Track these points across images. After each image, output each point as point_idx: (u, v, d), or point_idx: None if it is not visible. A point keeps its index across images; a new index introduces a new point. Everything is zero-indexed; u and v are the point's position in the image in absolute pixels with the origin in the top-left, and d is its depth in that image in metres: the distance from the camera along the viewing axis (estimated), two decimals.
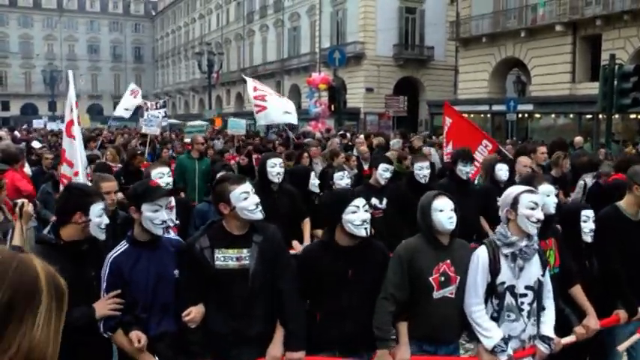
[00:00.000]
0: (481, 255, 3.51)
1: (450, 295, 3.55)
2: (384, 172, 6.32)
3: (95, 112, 67.08)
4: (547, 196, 3.91)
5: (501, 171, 6.49)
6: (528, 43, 28.87)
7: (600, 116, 20.35)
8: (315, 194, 6.42)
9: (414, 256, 3.53)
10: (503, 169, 6.52)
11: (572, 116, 27.49)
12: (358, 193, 3.78)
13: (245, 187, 3.39)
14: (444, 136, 8.45)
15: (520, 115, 27.12)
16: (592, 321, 3.83)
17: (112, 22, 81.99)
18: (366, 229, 3.42)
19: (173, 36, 76.33)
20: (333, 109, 26.14)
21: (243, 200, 3.33)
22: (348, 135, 18.06)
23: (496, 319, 3.51)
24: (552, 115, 28.86)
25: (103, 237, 3.34)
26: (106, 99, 75.21)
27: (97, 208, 3.28)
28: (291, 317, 3.41)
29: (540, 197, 3.58)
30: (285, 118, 11.34)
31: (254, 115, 10.99)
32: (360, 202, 3.48)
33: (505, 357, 3.40)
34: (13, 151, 7.46)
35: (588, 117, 25.12)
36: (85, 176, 5.26)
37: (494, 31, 30.46)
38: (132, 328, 3.26)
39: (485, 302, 3.52)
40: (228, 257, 3.35)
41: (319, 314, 3.58)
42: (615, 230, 4.19)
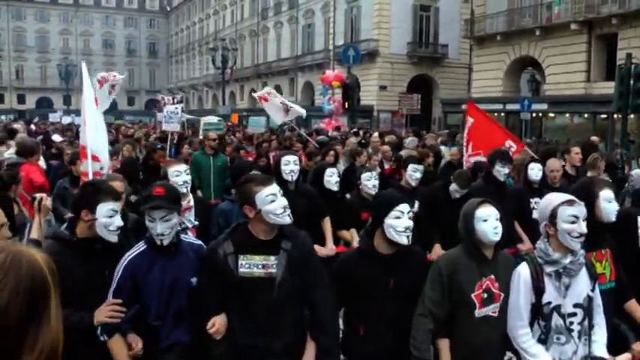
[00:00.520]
0: (523, 273, 3.21)
1: (493, 313, 3.27)
2: (414, 173, 6.12)
3: (109, 106, 67.25)
4: (608, 203, 3.60)
5: (533, 170, 6.20)
6: (543, 41, 28.65)
7: (615, 116, 20.21)
8: (335, 193, 6.01)
9: (455, 269, 3.25)
10: (535, 168, 6.24)
11: (586, 116, 27.28)
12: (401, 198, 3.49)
13: (272, 188, 3.14)
14: (465, 136, 8.15)
15: (534, 114, 26.90)
16: None
17: (127, 17, 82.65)
18: (408, 237, 3.23)
19: (187, 32, 76.71)
20: (346, 106, 26.05)
21: (270, 203, 3.07)
22: (360, 133, 18.01)
23: (544, 341, 3.20)
24: (567, 114, 28.65)
25: (114, 239, 3.19)
26: (120, 94, 75.18)
27: (105, 207, 3.14)
28: (324, 331, 3.19)
29: (580, 208, 3.17)
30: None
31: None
32: (405, 207, 3.29)
33: None
34: (28, 144, 7.51)
35: (603, 117, 24.94)
36: (108, 168, 5.16)
37: (508, 29, 30.24)
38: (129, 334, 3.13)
39: (531, 324, 3.21)
40: (253, 264, 3.10)
41: (361, 327, 3.38)
42: None
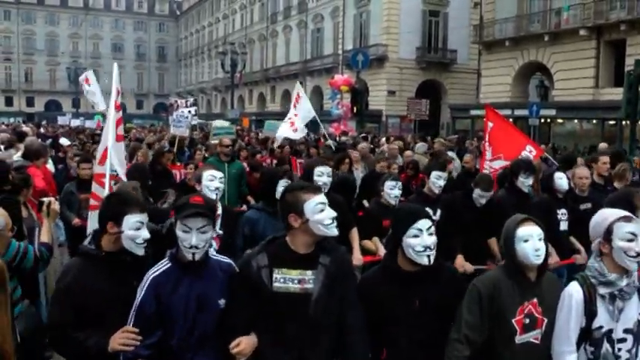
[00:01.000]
0: (575, 294, 2.96)
1: (535, 340, 3.02)
2: (437, 180, 5.87)
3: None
4: None
5: (561, 180, 5.85)
6: (552, 47, 28.70)
7: (624, 122, 20.21)
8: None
9: (495, 292, 2.99)
10: (563, 178, 5.88)
11: (595, 122, 27.26)
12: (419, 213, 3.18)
13: (321, 197, 2.99)
14: (487, 141, 8.07)
15: (542, 120, 26.89)
16: None
17: (137, 21, 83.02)
18: (429, 257, 2.98)
19: (197, 35, 77.01)
20: (355, 111, 26.13)
21: (320, 212, 2.92)
22: (369, 138, 18.09)
23: None
24: (575, 120, 28.66)
25: (141, 252, 3.06)
26: (129, 97, 75.98)
27: (132, 219, 3.02)
28: (354, 356, 3.01)
29: (638, 225, 2.94)
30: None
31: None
32: (424, 224, 3.02)
33: None
34: (35, 147, 7.42)
35: (611, 123, 24.91)
36: (124, 175, 5.27)
37: (517, 34, 30.32)
38: None
39: (577, 348, 2.98)
40: (289, 279, 2.91)
41: (384, 350, 3.19)
42: None
